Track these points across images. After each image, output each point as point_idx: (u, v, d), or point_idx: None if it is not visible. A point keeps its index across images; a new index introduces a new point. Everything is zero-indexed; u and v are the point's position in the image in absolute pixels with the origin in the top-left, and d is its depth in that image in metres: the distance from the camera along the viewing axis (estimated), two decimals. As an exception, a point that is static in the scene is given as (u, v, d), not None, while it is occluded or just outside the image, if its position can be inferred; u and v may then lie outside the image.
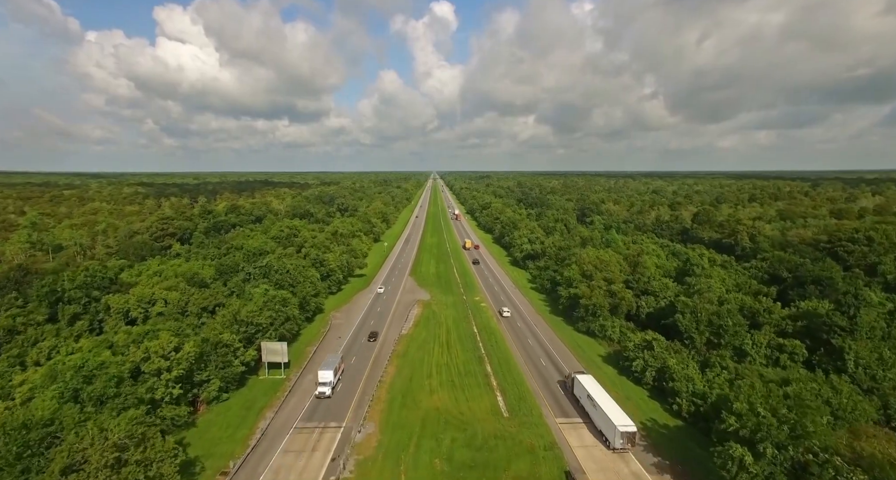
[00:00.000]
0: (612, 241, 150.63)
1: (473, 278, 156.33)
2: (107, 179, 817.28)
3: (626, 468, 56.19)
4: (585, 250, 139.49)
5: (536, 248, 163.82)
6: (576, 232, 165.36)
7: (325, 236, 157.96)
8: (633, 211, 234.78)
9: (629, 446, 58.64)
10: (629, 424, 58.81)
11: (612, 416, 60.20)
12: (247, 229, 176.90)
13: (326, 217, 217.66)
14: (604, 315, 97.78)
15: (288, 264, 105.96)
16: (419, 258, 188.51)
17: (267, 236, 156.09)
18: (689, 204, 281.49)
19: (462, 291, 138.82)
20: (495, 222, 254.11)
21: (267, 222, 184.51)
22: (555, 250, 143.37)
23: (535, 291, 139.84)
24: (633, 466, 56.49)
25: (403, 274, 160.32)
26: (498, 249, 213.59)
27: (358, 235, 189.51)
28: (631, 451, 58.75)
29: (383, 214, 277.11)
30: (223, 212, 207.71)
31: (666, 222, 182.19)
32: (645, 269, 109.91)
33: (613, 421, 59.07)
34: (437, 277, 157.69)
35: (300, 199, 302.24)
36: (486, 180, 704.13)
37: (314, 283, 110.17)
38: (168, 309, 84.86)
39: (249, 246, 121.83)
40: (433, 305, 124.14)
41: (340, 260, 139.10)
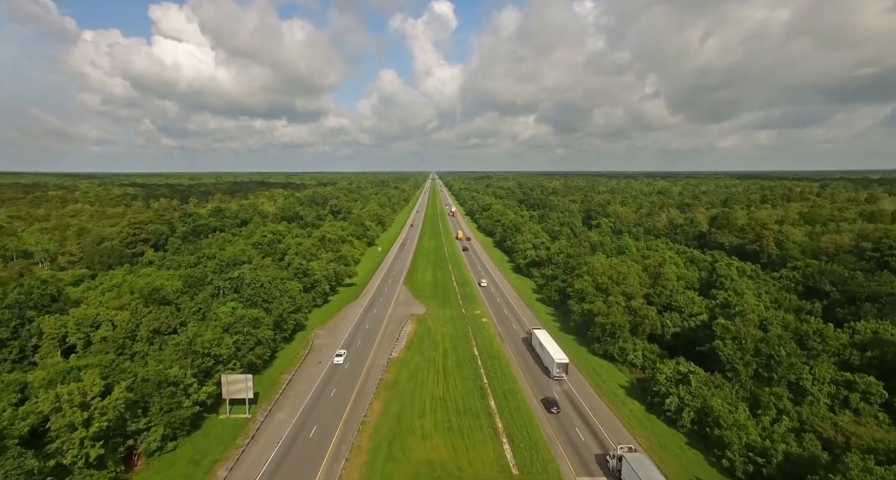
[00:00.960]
0: (625, 247, 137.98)
1: (473, 287, 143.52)
2: (99, 179, 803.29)
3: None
4: (596, 257, 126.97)
5: (541, 254, 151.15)
6: (584, 237, 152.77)
7: (311, 243, 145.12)
8: (641, 213, 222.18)
9: (564, 374, 79.87)
10: (563, 357, 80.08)
11: (552, 352, 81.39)
12: (228, 233, 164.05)
13: (317, 220, 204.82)
14: (624, 336, 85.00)
15: (262, 276, 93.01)
16: (415, 264, 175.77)
17: (249, 241, 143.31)
18: (699, 206, 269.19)
19: (461, 303, 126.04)
20: (496, 224, 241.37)
21: (252, 226, 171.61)
22: (563, 257, 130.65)
23: (541, 303, 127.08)
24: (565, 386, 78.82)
25: (397, 283, 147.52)
26: (499, 254, 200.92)
27: (349, 239, 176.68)
28: (566, 379, 79.66)
29: (379, 216, 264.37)
30: (206, 215, 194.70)
31: (680, 226, 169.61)
32: (667, 281, 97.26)
33: (551, 355, 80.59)
34: (433, 286, 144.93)
35: (292, 200, 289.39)
36: (486, 180, 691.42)
37: (294, 297, 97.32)
38: (115, 333, 72.01)
39: (223, 255, 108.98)
40: (429, 320, 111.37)
41: (327, 269, 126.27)
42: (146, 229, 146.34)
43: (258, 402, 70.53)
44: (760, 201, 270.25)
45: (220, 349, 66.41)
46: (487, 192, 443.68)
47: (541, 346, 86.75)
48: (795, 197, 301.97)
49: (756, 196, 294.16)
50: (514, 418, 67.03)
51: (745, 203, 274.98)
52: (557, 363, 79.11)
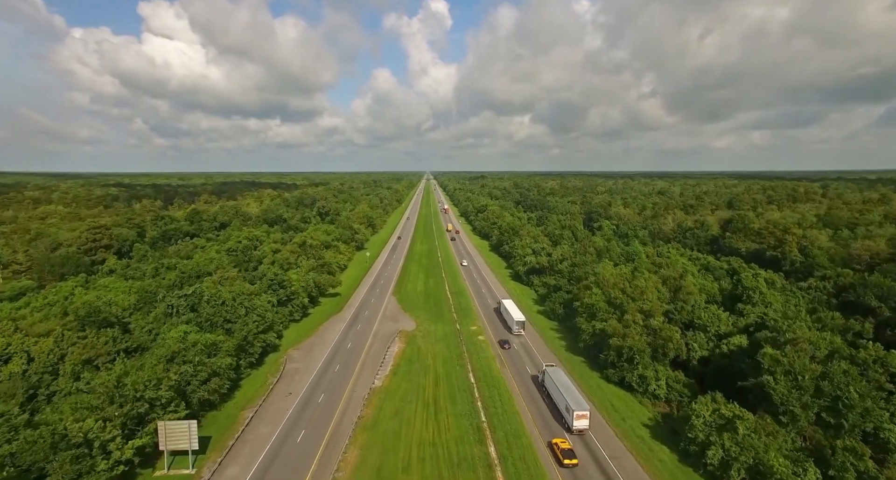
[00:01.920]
0: (634, 254, 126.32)
1: (469, 298, 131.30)
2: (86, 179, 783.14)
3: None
4: (604, 266, 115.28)
5: (542, 261, 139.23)
6: (588, 242, 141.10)
7: (290, 249, 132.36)
8: (645, 216, 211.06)
9: (522, 331, 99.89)
10: (521, 317, 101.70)
11: (512, 313, 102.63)
12: (203, 238, 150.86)
13: (301, 223, 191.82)
14: (643, 362, 73.12)
15: (225, 292, 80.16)
16: (406, 271, 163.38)
17: (222, 248, 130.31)
18: (703, 207, 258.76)
19: (455, 316, 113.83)
20: (492, 227, 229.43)
21: (230, 230, 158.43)
22: (567, 266, 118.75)
23: (543, 316, 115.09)
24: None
25: (385, 293, 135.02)
26: (496, 259, 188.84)
27: (334, 244, 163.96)
28: (524, 334, 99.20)
29: (369, 218, 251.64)
30: (183, 217, 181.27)
31: (690, 230, 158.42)
32: (689, 295, 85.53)
33: (512, 316, 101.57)
34: (425, 296, 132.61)
35: (277, 202, 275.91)
36: (482, 180, 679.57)
37: (263, 315, 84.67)
38: (33, 368, 59.10)
39: (186, 266, 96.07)
40: (419, 338, 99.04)
41: (306, 280, 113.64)
42: (108, 234, 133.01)
43: (207, 451, 57.81)
44: (767, 201, 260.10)
45: (157, 391, 53.57)
46: (483, 192, 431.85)
47: (506, 312, 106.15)
48: (801, 198, 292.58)
49: (761, 197, 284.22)
50: (520, 471, 54.81)
51: (750, 204, 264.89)
52: (516, 322, 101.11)
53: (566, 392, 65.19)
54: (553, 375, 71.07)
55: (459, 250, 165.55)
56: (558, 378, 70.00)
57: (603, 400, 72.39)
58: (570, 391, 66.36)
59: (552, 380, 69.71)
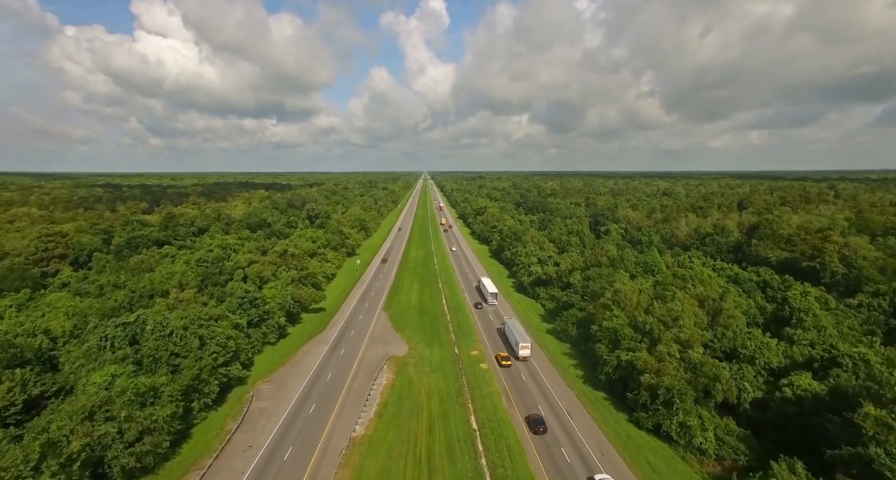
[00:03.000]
0: (653, 264, 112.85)
1: (468, 313, 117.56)
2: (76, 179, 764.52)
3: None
4: (619, 278, 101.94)
5: (549, 271, 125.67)
6: (600, 250, 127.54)
7: (270, 259, 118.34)
8: (655, 219, 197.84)
9: (495, 301, 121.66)
10: (495, 289, 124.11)
11: (488, 287, 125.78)
12: (175, 246, 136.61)
13: (286, 228, 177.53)
14: (685, 407, 59.52)
15: (174, 319, 66.08)
16: (399, 281, 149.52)
17: (192, 257, 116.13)
18: (711, 208, 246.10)
19: (453, 337, 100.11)
20: (492, 231, 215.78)
21: (204, 237, 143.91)
22: (580, 279, 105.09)
23: (553, 337, 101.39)
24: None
25: (375, 307, 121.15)
26: (497, 266, 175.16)
27: (321, 252, 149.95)
28: (497, 305, 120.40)
29: (362, 221, 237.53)
30: (157, 222, 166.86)
31: (709, 235, 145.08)
32: (731, 319, 72.05)
33: (488, 289, 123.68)
34: (420, 311, 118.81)
35: (266, 204, 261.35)
36: (480, 180, 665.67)
37: (225, 344, 70.73)
38: None
39: (138, 283, 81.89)
40: (411, 366, 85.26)
41: (284, 296, 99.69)
42: (65, 242, 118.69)
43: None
44: (780, 203, 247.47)
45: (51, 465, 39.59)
46: (481, 193, 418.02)
47: (485, 288, 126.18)
48: (813, 199, 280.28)
49: (773, 198, 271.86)
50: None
51: (762, 206, 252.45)
52: (491, 293, 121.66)
53: (517, 333, 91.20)
54: (510, 324, 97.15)
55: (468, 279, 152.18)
56: (514, 326, 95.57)
57: (635, 455, 58.72)
58: (520, 332, 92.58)
59: (510, 328, 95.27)
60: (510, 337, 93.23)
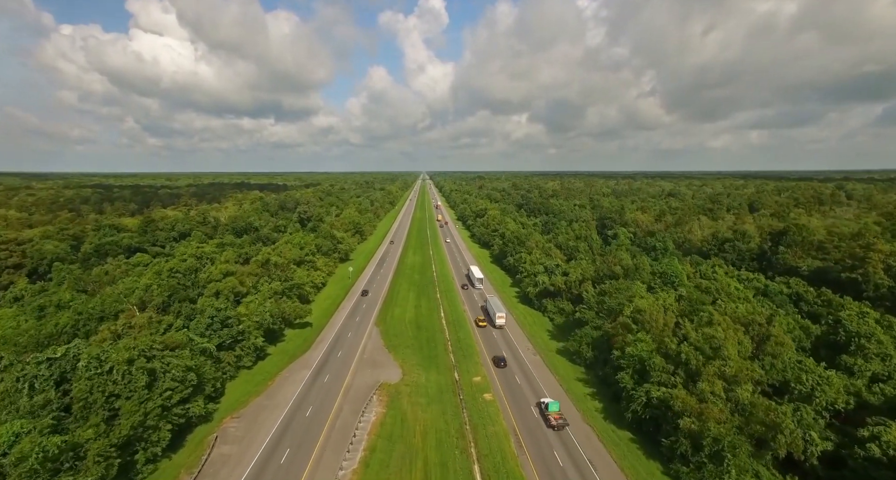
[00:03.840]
0: (674, 275, 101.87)
1: (470, 330, 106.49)
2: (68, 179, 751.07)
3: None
4: (637, 290, 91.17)
5: (558, 282, 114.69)
6: (611, 257, 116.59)
7: (249, 270, 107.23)
8: (666, 222, 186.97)
9: (481, 285, 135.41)
10: (481, 274, 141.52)
11: (474, 271, 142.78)
12: (150, 253, 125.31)
13: (274, 233, 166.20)
14: (738, 462, 48.56)
15: (116, 353, 54.84)
16: (394, 290, 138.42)
17: (164, 267, 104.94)
18: (720, 210, 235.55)
19: (452, 359, 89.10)
20: (493, 235, 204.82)
21: (181, 245, 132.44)
22: (594, 294, 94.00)
23: (565, 359, 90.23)
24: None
25: (367, 322, 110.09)
26: (499, 274, 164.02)
27: (309, 259, 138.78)
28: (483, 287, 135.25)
29: (356, 224, 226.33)
30: (136, 226, 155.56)
31: (728, 241, 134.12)
32: (780, 347, 61.16)
33: (475, 274, 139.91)
34: (416, 327, 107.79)
35: (257, 206, 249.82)
36: (479, 181, 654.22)
37: (184, 378, 59.68)
38: None
39: (85, 305, 70.61)
40: (405, 397, 74.23)
41: (262, 313, 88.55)
42: (21, 250, 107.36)
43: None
44: (793, 205, 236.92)
45: None
46: (481, 194, 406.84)
47: (473, 276, 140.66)
48: (826, 200, 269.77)
49: (785, 199, 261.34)
50: None
51: (772, 208, 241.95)
52: (477, 279, 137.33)
53: (494, 305, 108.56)
54: (490, 300, 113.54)
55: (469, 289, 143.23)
56: (493, 302, 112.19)
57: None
58: (497, 305, 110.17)
59: (490, 304, 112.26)
60: (489, 310, 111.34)
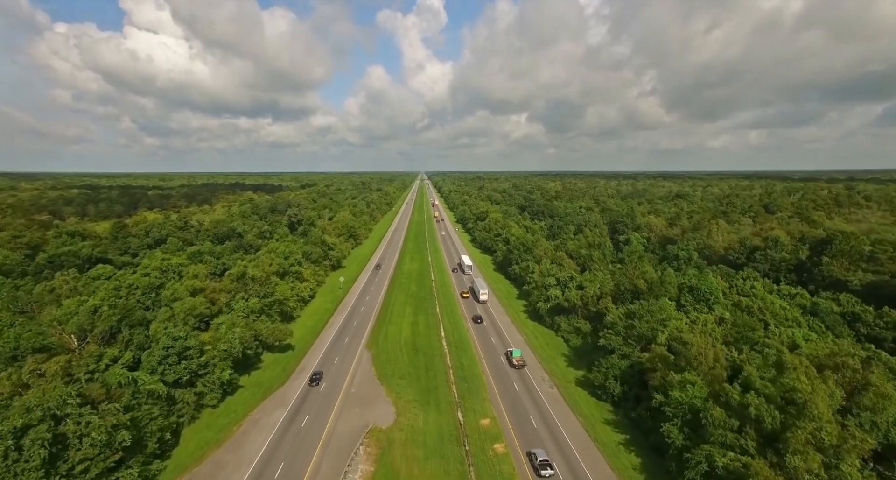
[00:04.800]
0: (710, 292, 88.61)
1: (474, 353, 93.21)
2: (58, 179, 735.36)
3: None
4: (665, 307, 78.23)
5: (573, 297, 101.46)
6: (633, 269, 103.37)
7: (222, 286, 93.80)
8: (682, 226, 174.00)
9: (470, 271, 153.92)
10: (469, 261, 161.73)
11: (465, 259, 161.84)
12: (113, 266, 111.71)
13: (258, 239, 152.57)
14: None
15: (5, 422, 41.28)
16: (389, 304, 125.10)
17: (123, 283, 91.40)
18: (733, 212, 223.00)
19: (455, 393, 75.81)
20: (496, 240, 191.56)
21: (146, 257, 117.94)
22: (620, 315, 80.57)
23: (586, 391, 76.89)
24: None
25: (358, 344, 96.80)
26: (504, 284, 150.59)
27: (295, 270, 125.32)
28: (474, 270, 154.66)
29: (350, 228, 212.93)
30: (106, 232, 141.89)
31: (759, 250, 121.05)
32: (884, 400, 48.03)
33: (464, 260, 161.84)
34: (412, 350, 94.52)
35: (246, 208, 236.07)
36: (479, 181, 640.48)
37: (112, 442, 46.31)
38: None
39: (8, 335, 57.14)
40: (398, 447, 60.91)
41: (230, 339, 75.17)
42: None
43: None
44: (812, 207, 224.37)
45: None
46: (481, 195, 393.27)
47: (464, 264, 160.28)
48: (844, 202, 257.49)
49: (803, 201, 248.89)
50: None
51: (790, 210, 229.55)
52: (467, 265, 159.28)
53: (479, 285, 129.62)
54: (476, 282, 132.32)
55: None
56: (479, 282, 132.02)
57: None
58: (482, 283, 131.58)
59: (475, 283, 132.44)
60: (475, 289, 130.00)
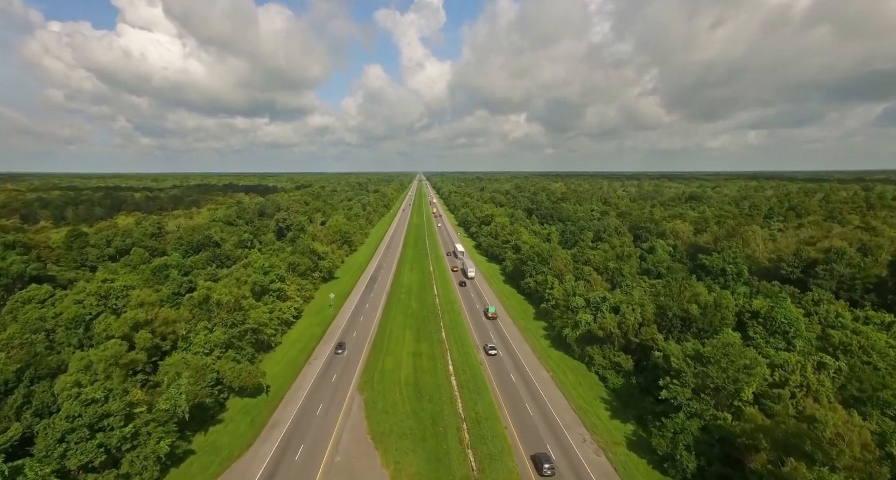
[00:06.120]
0: (790, 322, 70.57)
1: (491, 397, 75.16)
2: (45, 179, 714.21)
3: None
4: (750, 356, 60.72)
5: (609, 324, 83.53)
6: (682, 289, 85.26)
7: (176, 317, 75.50)
8: (713, 233, 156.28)
9: (462, 257, 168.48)
10: (462, 248, 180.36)
11: (458, 247, 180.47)
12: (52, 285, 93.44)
13: (236, 249, 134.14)
14: None
15: None
16: (386, 327, 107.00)
17: (49, 313, 73.15)
18: (757, 215, 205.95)
19: (472, 459, 57.83)
20: (504, 247, 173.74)
21: (83, 281, 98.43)
22: (685, 359, 62.44)
23: (641, 456, 58.93)
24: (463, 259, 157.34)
25: (347, 386, 78.71)
26: (517, 300, 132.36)
27: (276, 286, 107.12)
28: (466, 257, 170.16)
29: (344, 234, 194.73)
30: (59, 242, 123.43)
31: (819, 262, 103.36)
32: None
33: (457, 247, 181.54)
34: (415, 392, 76.52)
35: (232, 212, 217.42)
36: (480, 183, 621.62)
37: None
38: None
39: None
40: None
41: (172, 397, 56.97)
42: None
43: None
44: (847, 211, 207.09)
45: None
46: (483, 197, 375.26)
47: (456, 253, 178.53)
48: (875, 204, 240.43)
49: (833, 203, 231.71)
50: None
51: (821, 213, 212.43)
52: (460, 251, 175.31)
53: (468, 262, 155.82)
54: (466, 261, 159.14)
55: (478, 317, 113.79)
56: (468, 261, 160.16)
57: None
58: (470, 262, 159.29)
59: (464, 262, 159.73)
60: (464, 269, 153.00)
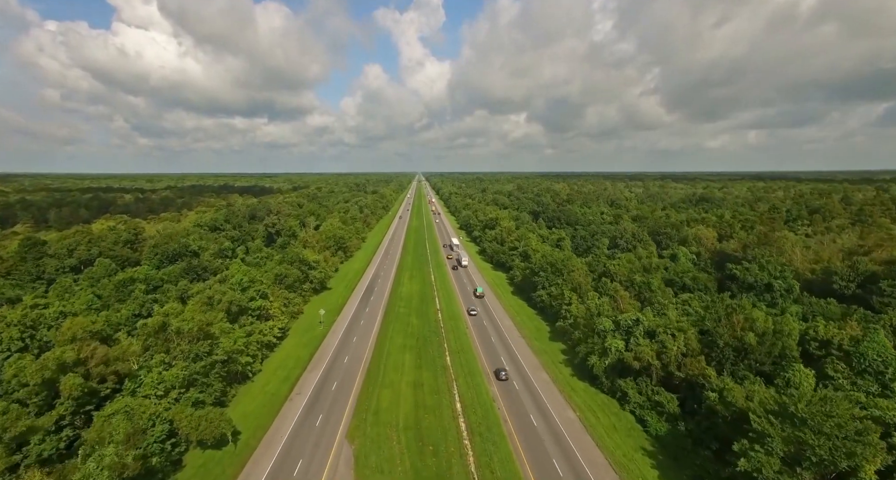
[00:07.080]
0: (885, 363, 57.15)
1: (509, 447, 61.62)
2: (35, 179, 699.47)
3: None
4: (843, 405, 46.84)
5: (646, 354, 70.10)
6: (737, 315, 71.72)
7: (125, 351, 61.96)
8: (740, 240, 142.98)
9: (458, 249, 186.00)
10: (458, 242, 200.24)
11: (454, 240, 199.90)
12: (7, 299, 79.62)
13: (216, 259, 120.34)
14: None
15: None
16: (383, 349, 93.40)
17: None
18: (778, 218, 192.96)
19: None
20: (512, 254, 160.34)
21: (6, 310, 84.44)
22: (767, 414, 48.86)
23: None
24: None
25: (336, 429, 65.20)
26: (528, 314, 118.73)
27: (255, 305, 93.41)
28: (460, 249, 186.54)
29: (339, 239, 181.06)
30: (13, 251, 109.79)
31: (883, 278, 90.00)
32: None
33: (453, 240, 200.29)
34: (417, 439, 62.99)
35: (220, 215, 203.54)
36: (481, 184, 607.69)
37: None
38: None
39: None
40: None
41: (92, 472, 43.33)
42: None
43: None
44: (879, 214, 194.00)
45: None
46: (485, 198, 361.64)
47: (452, 246, 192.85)
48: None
49: (855, 205, 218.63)
50: None
51: (847, 216, 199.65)
52: (455, 244, 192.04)
53: (463, 254, 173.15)
54: (461, 253, 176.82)
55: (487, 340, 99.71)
56: (462, 252, 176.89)
57: None
58: (464, 253, 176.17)
59: (459, 253, 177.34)
60: (458, 258, 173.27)
